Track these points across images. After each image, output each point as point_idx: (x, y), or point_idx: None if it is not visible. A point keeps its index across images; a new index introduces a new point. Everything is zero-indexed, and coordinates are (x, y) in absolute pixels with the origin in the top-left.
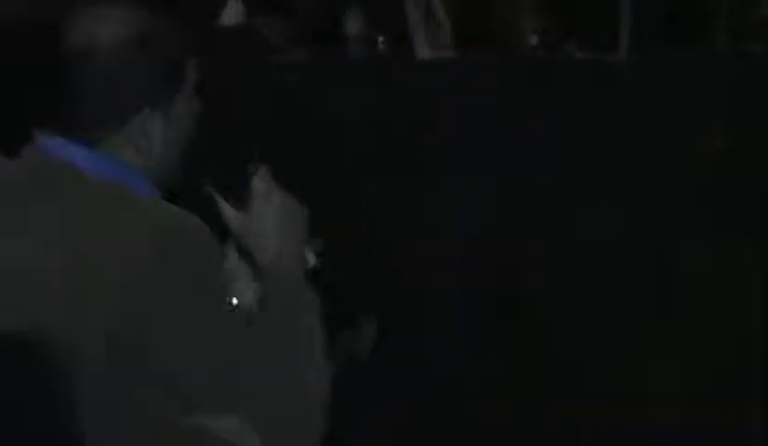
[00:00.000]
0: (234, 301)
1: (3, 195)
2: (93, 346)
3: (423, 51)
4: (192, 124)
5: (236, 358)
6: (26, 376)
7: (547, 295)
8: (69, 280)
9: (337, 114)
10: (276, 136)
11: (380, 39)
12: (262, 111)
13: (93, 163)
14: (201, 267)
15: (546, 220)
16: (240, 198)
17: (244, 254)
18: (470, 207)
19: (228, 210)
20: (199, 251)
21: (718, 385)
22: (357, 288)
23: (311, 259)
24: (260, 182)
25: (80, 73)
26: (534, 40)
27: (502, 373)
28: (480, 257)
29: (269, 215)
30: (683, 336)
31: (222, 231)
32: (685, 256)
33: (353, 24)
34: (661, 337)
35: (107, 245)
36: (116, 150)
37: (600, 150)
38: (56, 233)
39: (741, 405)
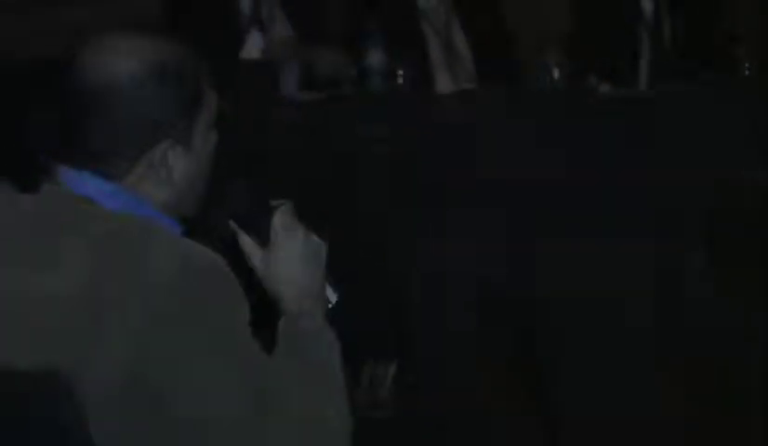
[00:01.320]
0: (332, 298)
1: (22, 229)
2: (111, 381)
3: (444, 85)
4: (212, 156)
5: (257, 398)
6: (43, 408)
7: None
8: (88, 314)
9: (358, 149)
10: (299, 171)
11: (399, 73)
12: (285, 147)
13: (112, 196)
14: (220, 304)
15: (565, 255)
16: (262, 234)
17: (266, 290)
18: (488, 244)
19: (250, 246)
20: (218, 288)
21: None
22: (377, 326)
23: (333, 297)
24: (282, 219)
25: (99, 105)
26: (556, 74)
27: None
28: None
29: (290, 252)
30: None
31: (245, 268)
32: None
33: (374, 58)
34: None
35: (125, 281)
36: (136, 182)
37: (619, 179)
38: (74, 268)
39: None
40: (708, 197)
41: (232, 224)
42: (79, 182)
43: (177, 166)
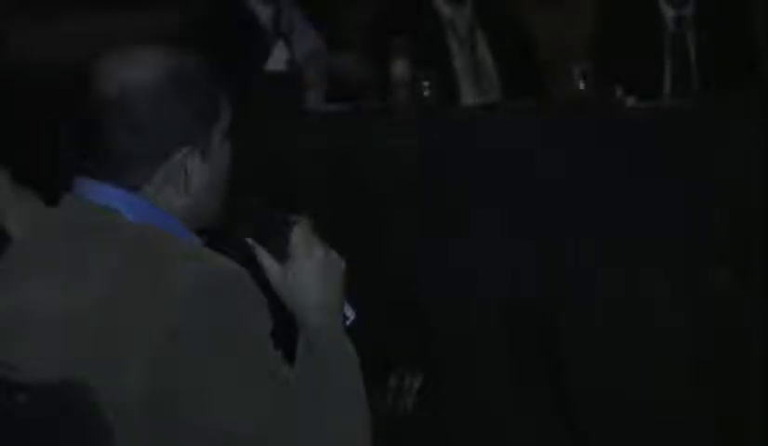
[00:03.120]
0: (350, 315)
1: (45, 240)
2: (133, 392)
3: (469, 96)
4: (229, 165)
5: (277, 414)
6: (63, 422)
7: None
8: (108, 328)
9: (383, 160)
10: (319, 187)
11: (425, 84)
12: (309, 160)
13: (132, 206)
14: (241, 315)
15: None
16: (281, 249)
17: (285, 305)
18: (516, 253)
19: (268, 262)
20: (239, 299)
21: None
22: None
23: (351, 314)
24: (301, 234)
25: (118, 114)
26: (581, 85)
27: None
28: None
29: (309, 268)
30: None
31: (263, 283)
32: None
33: (399, 69)
34: None
35: (147, 292)
36: (155, 191)
37: (644, 191)
38: (97, 280)
39: None
40: (725, 207)
41: (251, 239)
42: (99, 192)
43: (194, 175)
